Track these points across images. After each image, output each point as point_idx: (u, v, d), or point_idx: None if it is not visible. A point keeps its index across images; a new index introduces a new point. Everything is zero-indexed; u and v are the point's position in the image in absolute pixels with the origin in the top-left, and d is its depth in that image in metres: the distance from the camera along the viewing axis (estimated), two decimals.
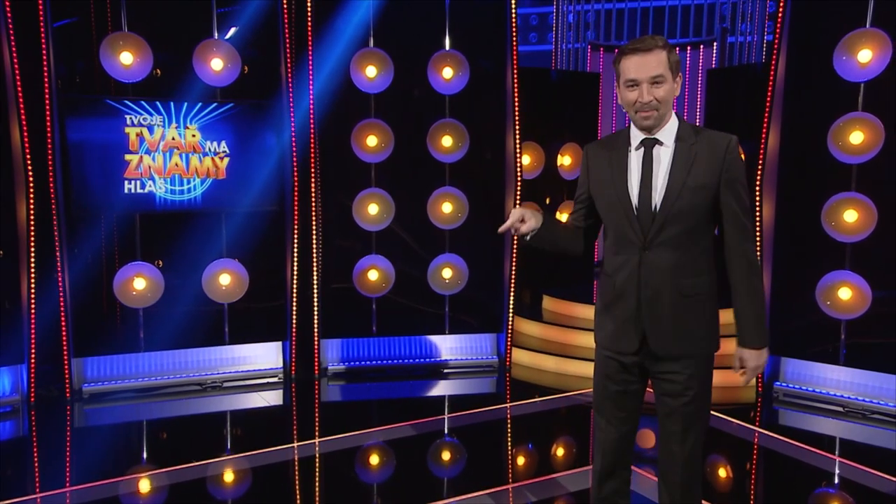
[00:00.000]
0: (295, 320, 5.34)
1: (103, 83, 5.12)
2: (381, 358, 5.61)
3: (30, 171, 4.53)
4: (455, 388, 5.42)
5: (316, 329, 5.42)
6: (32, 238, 4.60)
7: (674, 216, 2.17)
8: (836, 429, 4.52)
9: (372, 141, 5.33)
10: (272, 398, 5.08)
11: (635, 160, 2.24)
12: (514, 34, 5.40)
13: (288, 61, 5.13)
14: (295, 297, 5.31)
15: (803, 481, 3.79)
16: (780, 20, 4.78)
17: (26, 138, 4.50)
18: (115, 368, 5.07)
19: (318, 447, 4.18)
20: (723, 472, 3.93)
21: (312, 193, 5.30)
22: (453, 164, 5.50)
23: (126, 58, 4.78)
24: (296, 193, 5.21)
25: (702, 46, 8.84)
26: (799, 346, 4.97)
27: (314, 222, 5.35)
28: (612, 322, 2.30)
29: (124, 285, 4.99)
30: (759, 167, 4.87)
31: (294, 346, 5.37)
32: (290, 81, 5.14)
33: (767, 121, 4.85)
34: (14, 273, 4.65)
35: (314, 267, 5.38)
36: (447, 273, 5.56)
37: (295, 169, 5.19)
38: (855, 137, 4.49)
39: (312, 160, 5.25)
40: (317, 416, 4.87)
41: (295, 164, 5.19)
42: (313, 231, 5.36)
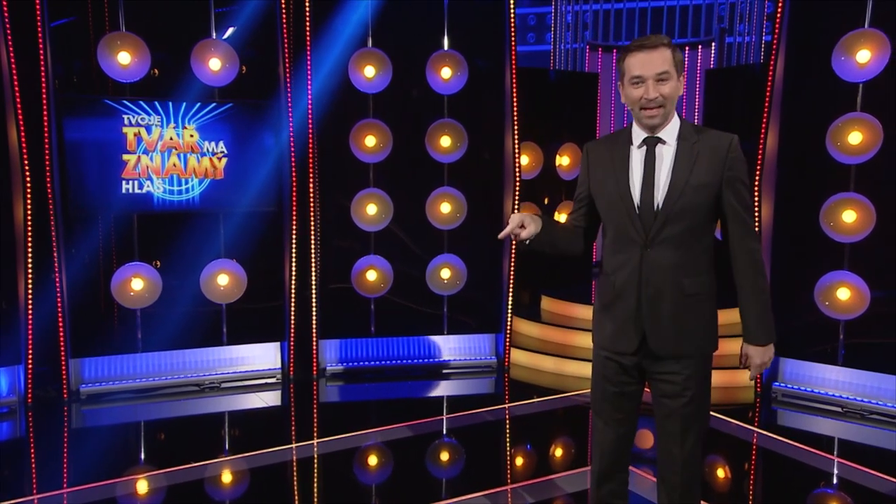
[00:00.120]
0: (293, 321, 5.33)
1: (101, 83, 5.11)
2: (380, 358, 5.60)
3: (27, 171, 4.52)
4: (453, 388, 5.42)
5: (314, 329, 5.41)
6: (30, 238, 4.59)
7: (676, 214, 2.16)
8: (834, 429, 4.52)
9: (370, 141, 5.32)
10: (270, 399, 5.07)
11: (637, 158, 2.23)
12: (513, 34, 5.40)
13: (286, 61, 5.13)
14: (293, 298, 5.31)
15: (802, 482, 3.79)
16: (778, 20, 4.78)
17: (23, 138, 4.49)
18: (113, 369, 5.06)
19: (316, 448, 4.17)
20: (721, 473, 3.92)
21: (311, 194, 5.29)
22: (452, 164, 5.50)
23: (124, 57, 4.77)
24: (294, 194, 5.20)
25: (700, 47, 8.85)
26: (797, 347, 4.97)
27: (312, 223, 5.34)
28: (612, 322, 2.29)
29: (122, 286, 4.98)
30: (758, 167, 4.87)
31: (292, 347, 5.36)
32: (288, 81, 5.13)
33: (766, 121, 4.86)
34: (11, 273, 4.63)
35: (312, 267, 5.37)
36: (446, 273, 5.56)
37: (293, 169, 5.18)
38: (853, 138, 4.50)
39: (311, 160, 5.25)
40: (315, 416, 4.87)
41: (293, 165, 5.18)
42: (312, 231, 5.35)
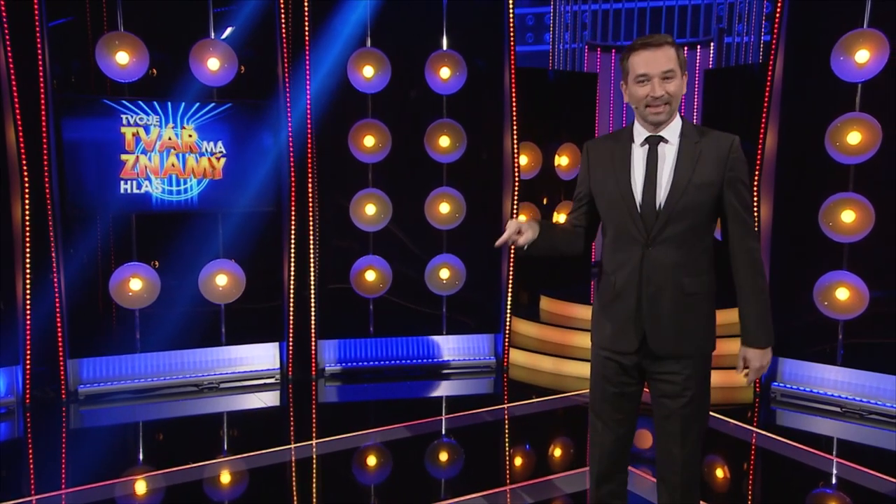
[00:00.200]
0: (292, 321, 5.33)
1: (99, 83, 5.10)
2: (379, 359, 5.60)
3: (25, 172, 4.52)
4: (452, 388, 5.41)
5: (313, 330, 5.41)
6: (28, 238, 4.58)
7: (678, 213, 2.15)
8: (833, 429, 4.53)
9: (369, 141, 5.32)
10: (269, 399, 5.06)
11: (639, 157, 2.22)
12: (512, 34, 5.39)
13: (285, 61, 5.12)
14: (292, 298, 5.30)
15: (801, 482, 3.79)
16: (777, 20, 4.78)
17: (21, 138, 4.48)
18: (111, 369, 5.05)
19: (315, 448, 4.16)
20: (720, 473, 3.92)
21: (309, 194, 5.28)
22: (451, 164, 5.49)
23: (122, 57, 4.76)
24: (293, 194, 5.19)
25: (699, 47, 8.86)
26: (796, 347, 4.97)
27: (311, 223, 5.34)
28: (612, 321, 2.28)
29: (120, 286, 4.97)
30: (757, 167, 4.87)
31: (291, 347, 5.36)
32: (287, 81, 5.12)
33: (765, 121, 4.86)
34: (9, 274, 4.62)
35: (311, 267, 5.36)
36: (444, 273, 5.55)
37: (292, 169, 5.18)
38: (852, 138, 4.50)
39: (309, 160, 5.24)
40: (314, 417, 4.86)
41: (292, 165, 5.18)
42: (310, 231, 5.34)
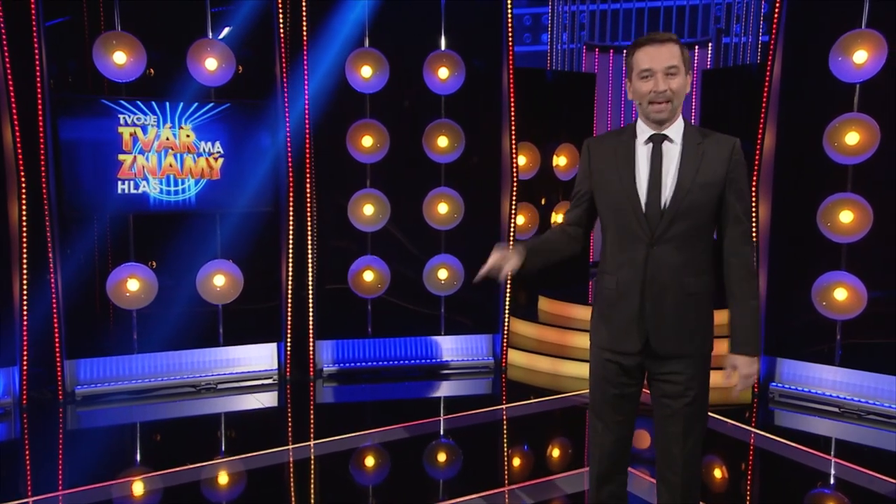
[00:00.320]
0: (290, 321, 5.32)
1: (96, 83, 5.08)
2: (377, 359, 5.59)
3: (22, 172, 4.50)
4: (451, 389, 5.40)
5: (311, 330, 5.40)
6: (25, 239, 4.56)
7: (683, 212, 2.15)
8: (831, 429, 4.53)
9: (367, 141, 5.31)
10: (267, 400, 5.05)
11: (643, 155, 2.21)
12: (510, 34, 5.39)
13: (283, 61, 5.11)
14: (290, 299, 5.29)
15: (799, 482, 3.79)
16: (776, 21, 4.78)
17: (18, 138, 4.47)
18: (109, 370, 5.03)
19: (312, 449, 4.15)
20: (719, 473, 3.92)
21: (307, 194, 5.27)
22: (449, 164, 5.49)
23: (119, 57, 4.75)
24: (291, 194, 5.18)
25: (697, 47, 8.86)
26: (795, 347, 4.97)
27: (309, 223, 5.33)
28: (614, 321, 2.27)
29: (118, 286, 4.96)
30: (756, 168, 4.87)
31: (289, 348, 5.35)
32: (285, 81, 5.12)
33: (764, 121, 4.85)
34: (6, 274, 4.61)
35: (309, 268, 5.35)
36: (443, 274, 5.55)
37: (290, 169, 5.17)
38: (851, 138, 4.50)
39: (308, 161, 5.23)
40: (311, 417, 4.85)
41: (290, 165, 5.16)
42: (308, 232, 5.33)
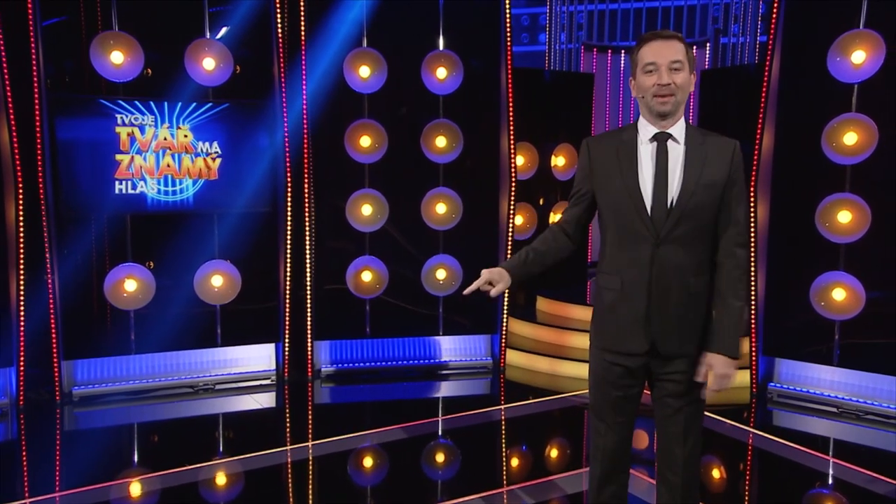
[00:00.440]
0: (288, 322, 5.31)
1: (94, 82, 5.06)
2: (375, 360, 5.58)
3: (19, 172, 4.48)
4: (449, 389, 5.40)
5: (309, 331, 5.39)
6: (22, 239, 4.54)
7: (689, 213, 2.14)
8: (829, 429, 4.53)
9: (365, 141, 5.30)
10: (265, 400, 5.04)
11: (646, 154, 2.19)
12: (509, 34, 5.38)
13: (281, 61, 5.10)
14: (288, 299, 5.28)
15: (797, 482, 3.79)
16: (774, 21, 4.78)
17: (15, 138, 4.45)
18: (106, 371, 5.02)
19: (310, 450, 4.15)
20: (717, 473, 3.92)
21: (305, 194, 5.26)
22: (447, 164, 5.48)
23: (117, 57, 4.74)
24: (289, 194, 5.17)
25: (695, 47, 8.87)
26: (793, 347, 4.98)
27: (307, 223, 5.32)
28: (618, 322, 2.25)
29: (115, 287, 4.94)
30: (754, 168, 4.87)
31: (287, 348, 5.33)
32: (282, 81, 5.11)
33: (762, 122, 4.86)
34: (3, 275, 4.59)
35: (307, 268, 5.34)
36: (441, 274, 5.54)
37: (288, 170, 5.16)
38: (849, 138, 4.50)
39: (305, 161, 5.22)
40: (310, 418, 4.84)
41: (288, 165, 5.15)
42: (306, 232, 5.32)
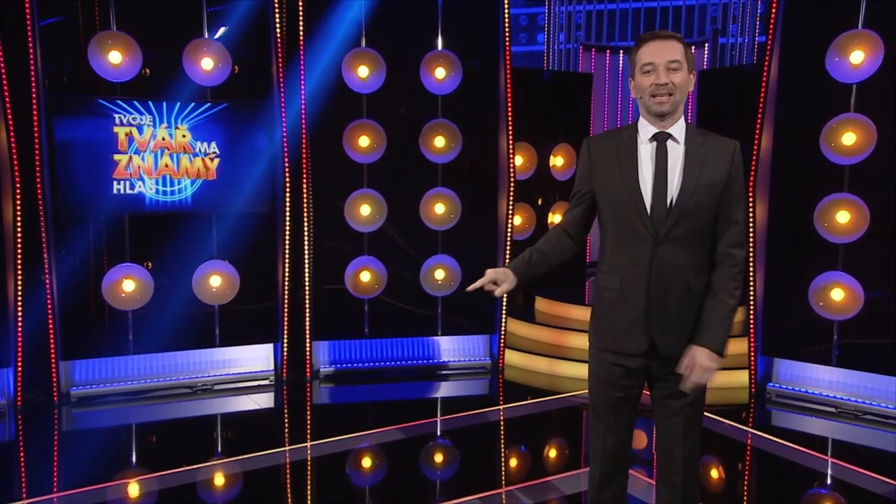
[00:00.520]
0: (286, 322, 5.30)
1: (91, 82, 5.05)
2: (373, 360, 5.58)
3: (16, 172, 4.47)
4: (448, 389, 5.40)
5: (307, 331, 5.38)
6: (19, 240, 4.53)
7: (688, 212, 2.14)
8: (828, 429, 4.54)
9: (364, 141, 5.30)
10: (263, 401, 5.04)
11: (646, 154, 2.20)
12: (507, 35, 5.38)
13: (279, 61, 5.09)
14: (286, 299, 5.27)
15: (796, 482, 3.79)
16: (772, 21, 4.79)
17: (13, 138, 4.44)
18: (104, 371, 5.01)
19: (309, 451, 4.14)
20: (715, 473, 3.92)
21: (304, 194, 5.26)
22: (446, 164, 5.48)
23: (115, 57, 4.73)
24: (287, 194, 5.17)
25: (693, 48, 8.87)
26: (792, 347, 4.98)
27: (306, 223, 5.31)
28: (618, 322, 2.24)
29: (113, 287, 4.93)
30: (753, 168, 4.87)
31: (285, 349, 5.33)
32: (281, 81, 5.10)
33: (761, 122, 4.86)
34: (1, 275, 4.58)
35: (306, 268, 5.34)
36: (440, 274, 5.54)
37: (286, 170, 5.15)
38: (847, 139, 4.50)
39: (304, 161, 5.22)
40: (308, 418, 4.84)
41: (286, 165, 5.15)
42: (305, 232, 5.32)
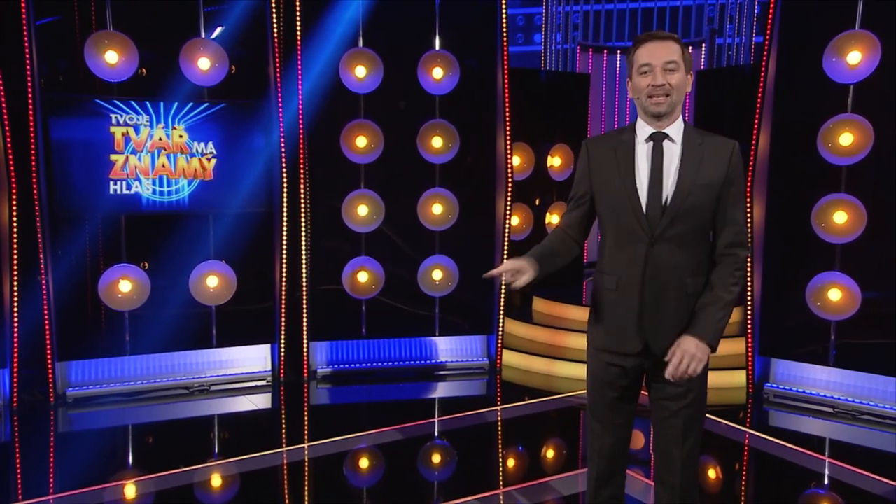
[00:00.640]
0: (283, 323, 5.29)
1: (88, 82, 5.04)
2: (371, 360, 5.57)
3: (12, 172, 4.46)
4: (445, 390, 5.39)
5: (305, 331, 5.37)
6: (15, 240, 4.52)
7: (684, 212, 2.14)
8: (825, 430, 4.54)
9: (361, 142, 5.29)
10: (260, 402, 5.03)
11: (643, 154, 2.20)
12: (505, 35, 5.38)
13: (276, 61, 5.08)
14: (283, 300, 5.26)
15: (793, 482, 3.80)
16: (770, 21, 4.79)
17: (8, 138, 4.43)
18: (101, 372, 5.00)
19: (307, 451, 4.13)
20: (713, 474, 3.92)
21: (301, 195, 5.25)
22: (443, 165, 5.48)
23: (111, 56, 4.72)
24: (284, 195, 5.16)
25: (690, 48, 8.87)
26: (789, 348, 4.98)
27: (303, 224, 5.30)
28: (614, 322, 2.25)
29: (109, 288, 4.92)
30: (750, 169, 4.87)
31: (282, 349, 5.32)
32: (278, 81, 5.09)
33: (758, 122, 4.86)
34: None
35: (303, 269, 5.33)
36: (437, 275, 5.53)
37: (284, 170, 5.14)
38: (844, 139, 4.51)
39: (301, 161, 5.21)
40: (306, 419, 4.83)
41: (284, 165, 5.14)
42: (302, 233, 5.31)
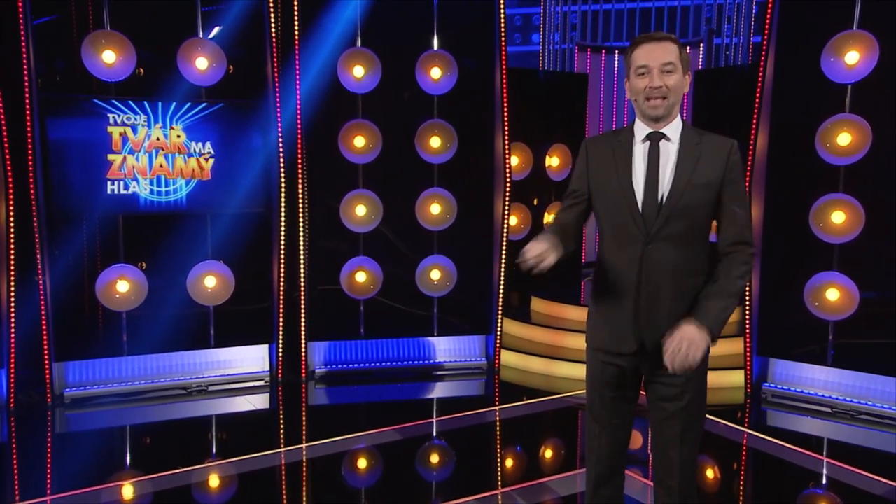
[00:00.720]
0: (281, 323, 5.28)
1: (85, 82, 5.02)
2: (369, 361, 5.57)
3: (9, 172, 4.45)
4: (443, 390, 5.39)
5: (303, 332, 5.37)
6: (12, 240, 4.51)
7: (679, 211, 2.14)
8: (823, 429, 4.54)
9: (359, 142, 5.28)
10: (258, 402, 5.02)
11: (640, 153, 2.20)
12: (503, 35, 5.38)
13: (274, 61, 5.08)
14: (281, 300, 5.26)
15: (791, 482, 3.80)
16: (768, 21, 4.79)
17: (6, 138, 4.42)
18: (98, 373, 4.99)
19: (305, 452, 4.13)
20: (711, 474, 3.92)
21: (299, 195, 5.24)
22: (441, 164, 5.47)
23: (108, 56, 4.71)
24: (282, 195, 5.15)
25: (688, 48, 8.88)
26: (787, 348, 4.99)
27: (301, 224, 5.30)
28: (610, 322, 2.25)
29: (107, 288, 4.91)
30: (748, 169, 4.88)
31: (281, 349, 5.31)
32: (276, 81, 5.08)
33: (756, 122, 4.87)
34: None
35: (301, 269, 5.32)
36: (435, 275, 5.53)
37: (281, 170, 5.14)
38: (842, 139, 4.51)
39: (299, 161, 5.20)
40: (304, 420, 4.82)
41: (282, 165, 5.13)
42: (300, 233, 5.30)
